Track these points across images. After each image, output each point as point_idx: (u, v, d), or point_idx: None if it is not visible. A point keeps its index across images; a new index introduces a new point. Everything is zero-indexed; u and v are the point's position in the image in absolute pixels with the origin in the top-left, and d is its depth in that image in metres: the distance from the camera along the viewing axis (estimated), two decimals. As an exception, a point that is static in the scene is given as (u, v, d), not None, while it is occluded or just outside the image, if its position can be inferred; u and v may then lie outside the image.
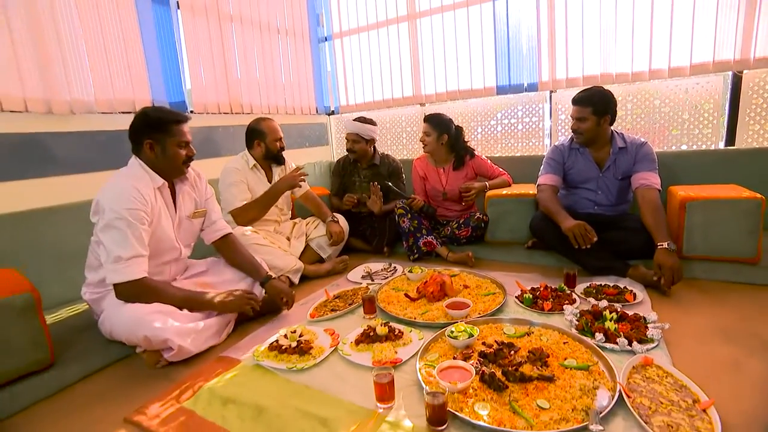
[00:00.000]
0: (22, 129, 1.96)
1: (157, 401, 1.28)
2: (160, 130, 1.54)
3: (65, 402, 1.33)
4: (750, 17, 2.23)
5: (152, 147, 1.54)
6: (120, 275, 1.42)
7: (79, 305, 1.94)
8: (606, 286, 1.81)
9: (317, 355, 1.45)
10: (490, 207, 2.45)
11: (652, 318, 1.49)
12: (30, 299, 1.32)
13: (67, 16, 2.08)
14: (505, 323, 1.56)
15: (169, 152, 1.56)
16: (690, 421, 0.99)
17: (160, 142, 1.54)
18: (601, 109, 2.03)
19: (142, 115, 1.55)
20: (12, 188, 1.91)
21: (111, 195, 1.45)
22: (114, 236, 1.43)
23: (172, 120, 1.56)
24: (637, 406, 1.05)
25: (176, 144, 1.57)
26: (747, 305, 1.62)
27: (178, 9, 2.58)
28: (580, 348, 1.36)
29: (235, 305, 1.63)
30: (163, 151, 1.55)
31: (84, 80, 2.17)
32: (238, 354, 1.53)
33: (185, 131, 1.60)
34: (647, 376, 1.18)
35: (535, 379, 1.19)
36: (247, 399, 1.25)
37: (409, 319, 1.68)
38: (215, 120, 2.88)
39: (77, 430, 1.18)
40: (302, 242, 2.45)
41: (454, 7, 3.11)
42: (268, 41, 3.28)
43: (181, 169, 1.63)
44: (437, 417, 1.06)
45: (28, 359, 1.33)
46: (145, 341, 1.38)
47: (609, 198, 2.17)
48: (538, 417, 1.05)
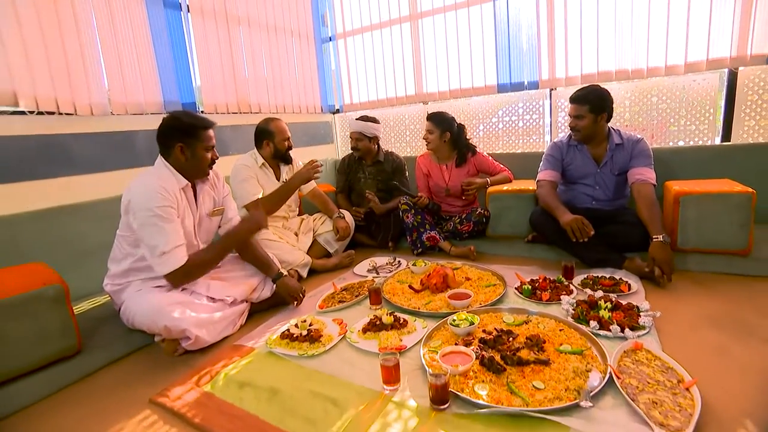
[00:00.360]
0: (46, 131, 2.06)
1: (178, 385, 1.37)
2: (190, 135, 1.63)
3: (92, 386, 1.43)
4: (746, 14, 2.28)
5: (183, 150, 1.63)
6: (167, 266, 1.53)
7: (100, 298, 2.04)
8: (602, 277, 1.88)
9: (326, 343, 1.54)
10: (492, 202, 2.53)
11: (645, 307, 1.57)
12: (60, 290, 1.41)
13: (85, 21, 2.17)
14: (505, 312, 1.64)
15: (197, 155, 1.66)
16: (673, 398, 1.07)
17: (190, 146, 1.63)
18: (597, 107, 2.10)
19: (175, 120, 1.64)
20: (37, 187, 2.01)
21: (142, 195, 1.54)
22: (152, 233, 1.52)
23: (202, 125, 1.66)
24: (626, 386, 1.13)
25: (204, 148, 1.67)
26: (736, 295, 1.69)
27: (188, 12, 2.66)
28: (575, 335, 1.44)
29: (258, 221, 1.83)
30: (192, 155, 1.64)
31: (101, 83, 2.26)
32: (252, 342, 1.62)
33: (212, 136, 1.70)
34: (637, 359, 1.26)
35: (531, 363, 1.27)
36: (262, 382, 1.34)
37: (414, 309, 1.76)
38: (224, 119, 2.96)
39: (106, 411, 1.28)
40: (310, 237, 2.54)
41: (455, 7, 3.17)
42: (274, 42, 3.36)
43: (206, 171, 1.74)
44: (440, 397, 1.15)
45: (58, 346, 1.43)
46: (165, 330, 1.48)
47: (606, 193, 2.24)
48: (533, 396, 1.13)
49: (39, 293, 1.36)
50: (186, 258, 1.57)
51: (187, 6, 2.65)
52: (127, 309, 1.60)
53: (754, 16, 2.25)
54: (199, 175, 1.74)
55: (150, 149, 2.45)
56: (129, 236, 1.62)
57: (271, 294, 1.93)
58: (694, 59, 2.45)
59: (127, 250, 1.64)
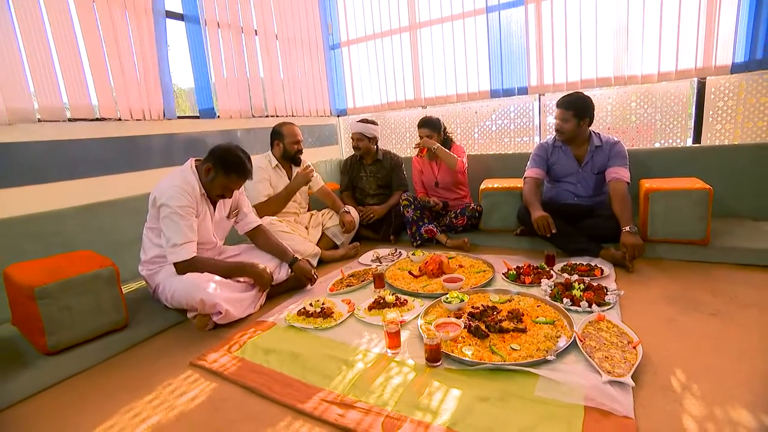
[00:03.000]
0: (89, 135, 2.32)
1: (212, 352, 1.62)
2: (224, 171, 1.85)
3: (140, 353, 1.69)
4: (710, 29, 2.52)
5: (208, 172, 1.87)
6: (176, 256, 1.79)
7: (133, 284, 2.30)
8: (580, 264, 2.13)
9: (338, 318, 1.79)
10: (484, 198, 2.78)
11: (612, 287, 1.82)
12: (112, 272, 1.67)
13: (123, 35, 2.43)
14: (491, 293, 1.89)
15: (214, 184, 1.88)
16: (622, 354, 1.32)
17: (216, 175, 1.86)
18: (581, 113, 2.35)
19: (225, 153, 1.85)
20: (78, 185, 2.27)
21: (167, 193, 1.79)
22: (170, 226, 1.79)
23: (237, 172, 1.87)
24: (586, 347, 1.38)
25: (223, 186, 1.89)
26: (693, 279, 1.94)
27: (206, 26, 2.91)
28: (550, 310, 1.69)
29: (264, 280, 1.98)
30: (212, 181, 1.87)
31: (135, 90, 2.51)
32: (273, 318, 1.88)
33: (238, 183, 1.92)
34: (599, 327, 1.51)
35: (510, 331, 1.52)
36: (284, 348, 1.59)
37: (413, 291, 2.02)
38: (238, 123, 3.21)
39: (155, 372, 1.53)
40: (319, 231, 2.80)
41: (451, 19, 3.42)
42: (286, 50, 3.60)
43: (213, 198, 1.96)
44: (433, 356, 1.40)
45: (111, 319, 1.68)
46: (200, 304, 1.72)
47: (587, 190, 2.49)
48: (510, 355, 1.39)
49: (97, 274, 1.61)
50: (193, 254, 1.82)
51: (204, 21, 2.90)
52: (166, 288, 1.85)
53: (717, 30, 2.50)
54: (210, 195, 1.95)
55: (177, 151, 2.72)
56: (155, 228, 1.88)
57: (287, 277, 2.18)
58: (666, 69, 2.70)
59: (155, 241, 1.90)
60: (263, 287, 2.01)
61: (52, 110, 2.16)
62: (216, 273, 1.85)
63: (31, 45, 2.06)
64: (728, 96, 2.60)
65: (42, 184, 2.12)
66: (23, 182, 2.05)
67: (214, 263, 1.91)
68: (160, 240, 1.86)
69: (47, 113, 2.14)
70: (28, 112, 2.06)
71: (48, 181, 2.15)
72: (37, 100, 2.11)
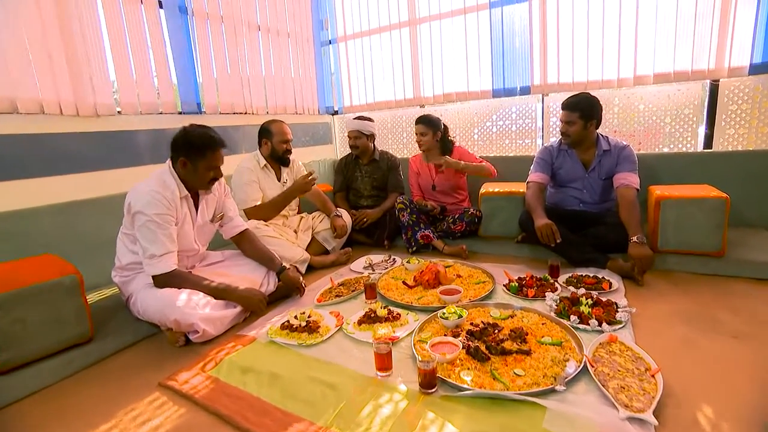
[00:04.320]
0: (62, 129, 2.16)
1: (185, 370, 1.47)
2: (196, 152, 1.70)
3: (104, 371, 1.52)
4: (724, 30, 2.40)
5: (185, 164, 1.71)
6: (155, 269, 1.64)
7: (107, 290, 2.13)
8: (586, 276, 1.99)
9: (324, 333, 1.64)
10: (484, 203, 2.63)
11: (623, 303, 1.68)
12: (75, 280, 1.51)
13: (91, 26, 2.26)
14: (492, 307, 1.75)
15: (199, 172, 1.73)
16: (639, 383, 1.18)
17: (193, 162, 1.70)
18: (587, 114, 2.21)
19: (186, 134, 1.70)
20: (53, 183, 2.10)
21: (142, 200, 1.64)
22: (147, 236, 1.64)
23: (209, 146, 1.71)
24: (598, 374, 1.24)
25: (207, 167, 1.74)
26: (709, 294, 1.80)
27: (193, 16, 2.75)
28: (556, 328, 1.54)
29: (252, 304, 1.81)
30: (194, 170, 1.72)
31: (110, 85, 2.35)
32: (254, 332, 1.72)
33: (218, 156, 1.76)
34: (611, 350, 1.37)
35: (514, 353, 1.38)
36: (264, 368, 1.44)
37: (407, 303, 1.87)
38: (225, 120, 3.06)
39: (119, 393, 1.37)
40: (309, 235, 2.64)
41: (452, 14, 3.28)
42: (275, 45, 3.45)
43: (207, 187, 1.81)
44: (428, 381, 1.25)
45: (73, 333, 1.52)
46: (174, 324, 1.57)
47: (593, 196, 2.35)
48: (514, 382, 1.24)
49: (56, 283, 1.45)
50: (174, 266, 1.67)
51: (191, 10, 2.74)
52: (138, 301, 1.69)
53: (732, 31, 2.37)
54: (199, 189, 1.82)
55: (154, 148, 2.56)
56: (130, 234, 1.72)
57: (275, 288, 2.02)
58: (678, 69, 2.57)
59: (129, 247, 1.74)
60: (254, 313, 1.85)
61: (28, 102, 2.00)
62: (198, 290, 1.70)
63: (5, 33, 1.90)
64: (743, 99, 2.47)
65: (12, 180, 1.96)
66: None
67: (198, 281, 1.73)
68: (136, 246, 1.71)
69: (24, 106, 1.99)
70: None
71: (19, 177, 1.99)
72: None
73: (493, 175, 2.78)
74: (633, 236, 1.97)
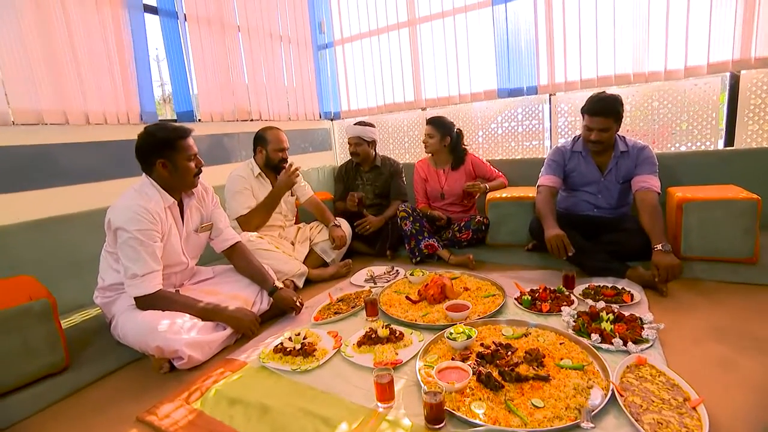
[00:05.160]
0: (38, 141, 2.04)
1: (167, 402, 1.33)
2: (169, 148, 1.58)
3: (80, 403, 1.39)
4: (749, 16, 2.24)
5: (165, 165, 1.59)
6: (137, 290, 1.52)
7: (92, 309, 2.01)
8: (604, 287, 1.83)
9: (320, 357, 1.50)
10: (491, 210, 2.49)
11: (648, 319, 1.52)
12: (46, 305, 1.38)
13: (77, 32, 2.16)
14: (503, 325, 1.60)
15: (180, 167, 1.61)
16: (679, 418, 1.02)
17: (171, 160, 1.59)
18: (620, 116, 2.04)
19: (149, 136, 1.59)
20: (31, 197, 1.99)
21: (123, 216, 1.52)
22: (129, 254, 1.51)
23: (178, 136, 1.60)
24: (629, 405, 1.08)
25: (186, 158, 1.62)
26: (742, 305, 1.64)
27: (185, 21, 2.65)
28: (576, 348, 1.39)
29: (243, 325, 1.68)
30: (175, 168, 1.60)
31: (94, 92, 2.24)
32: (244, 356, 1.58)
33: (191, 144, 1.65)
34: (640, 375, 1.21)
35: (530, 379, 1.23)
36: (253, 399, 1.30)
37: (410, 321, 1.72)
38: (222, 128, 2.95)
39: (93, 429, 1.24)
40: (306, 247, 2.51)
41: (453, 13, 3.16)
42: (271, 49, 3.35)
43: (193, 181, 1.69)
44: (435, 416, 1.10)
45: (44, 362, 1.39)
46: (157, 350, 1.44)
47: (609, 201, 2.19)
48: (532, 415, 1.09)
49: (25, 308, 1.33)
50: (158, 287, 1.55)
51: (184, 15, 2.64)
52: (118, 325, 1.57)
53: (758, 17, 2.21)
54: (187, 187, 1.71)
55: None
56: (113, 252, 1.60)
57: (269, 306, 1.89)
58: (695, 63, 2.42)
59: (114, 266, 1.62)
60: (245, 335, 1.72)
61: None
62: (183, 310, 1.57)
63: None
64: (766, 92, 2.31)
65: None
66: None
67: (184, 302, 1.61)
68: (119, 265, 1.58)
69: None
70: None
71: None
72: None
73: (506, 186, 2.72)
74: (657, 244, 1.81)
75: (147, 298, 1.53)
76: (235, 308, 1.69)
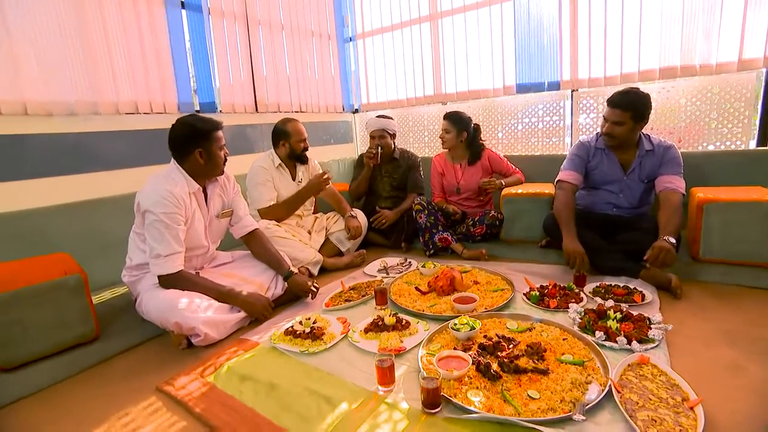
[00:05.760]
0: (73, 129, 2.19)
1: (184, 375, 1.43)
2: (205, 138, 1.70)
3: (107, 371, 1.51)
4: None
5: (201, 154, 1.70)
6: (160, 269, 1.63)
7: (120, 288, 2.15)
8: (616, 286, 1.81)
9: (328, 341, 1.56)
10: (506, 205, 2.48)
11: (657, 319, 1.50)
12: (79, 280, 1.50)
13: (108, 25, 2.29)
14: (508, 319, 1.61)
15: (213, 156, 1.73)
16: (675, 417, 1.02)
17: (206, 149, 1.71)
18: (640, 114, 1.97)
19: (189, 127, 1.69)
20: (66, 182, 2.14)
21: (150, 199, 1.62)
22: (154, 235, 1.62)
23: (214, 128, 1.73)
24: (625, 401, 1.09)
25: (218, 148, 1.75)
26: (759, 310, 1.59)
27: (209, 15, 2.75)
28: (578, 345, 1.40)
29: (256, 310, 1.77)
30: (209, 157, 1.72)
31: (125, 83, 2.37)
32: (257, 337, 1.67)
33: (222, 135, 1.78)
34: (641, 373, 1.21)
35: (529, 372, 1.25)
36: (262, 377, 1.38)
37: (418, 311, 1.76)
38: (243, 119, 3.05)
39: (116, 395, 1.35)
40: (322, 236, 2.58)
41: (476, 7, 3.13)
42: (294, 42, 3.42)
43: (222, 168, 1.81)
44: (431, 400, 1.14)
45: (76, 332, 1.52)
46: (176, 326, 1.55)
47: (630, 200, 2.13)
48: (526, 406, 1.11)
49: (60, 282, 1.45)
50: (179, 268, 1.65)
51: (208, 9, 2.74)
52: (143, 303, 1.68)
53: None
54: (217, 173, 1.82)
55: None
56: (141, 233, 1.70)
57: (283, 291, 1.97)
58: (726, 59, 2.31)
59: (141, 246, 1.73)
60: (257, 320, 1.80)
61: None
62: (202, 293, 1.67)
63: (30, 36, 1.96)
64: (805, 90, 2.20)
65: (25, 180, 2.00)
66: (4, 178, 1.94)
67: (203, 284, 1.71)
68: (146, 246, 1.69)
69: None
70: (15, 103, 1.94)
71: (32, 176, 2.03)
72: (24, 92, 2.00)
73: (522, 182, 2.70)
74: (665, 236, 1.77)
75: (169, 277, 1.63)
76: (248, 293, 1.77)
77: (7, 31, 1.91)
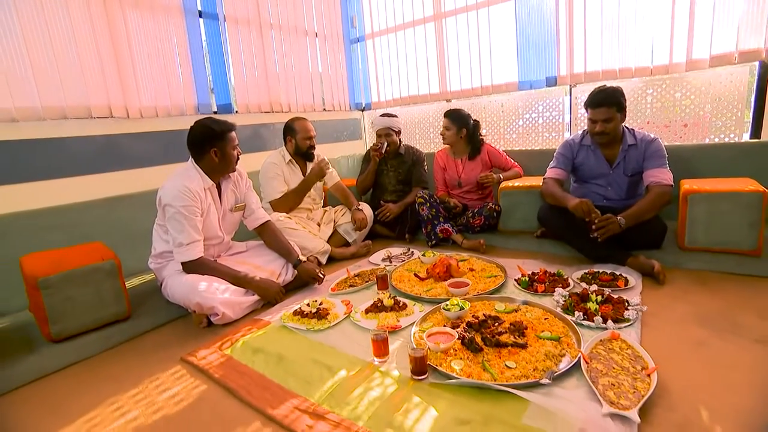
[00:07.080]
0: (106, 131, 2.42)
1: (204, 348, 1.62)
2: (220, 139, 1.89)
3: (138, 345, 1.72)
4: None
5: (216, 153, 1.89)
6: (182, 256, 1.82)
7: (147, 276, 2.37)
8: (603, 272, 1.92)
9: (332, 320, 1.73)
10: (503, 198, 2.60)
11: (635, 301, 1.61)
12: (113, 265, 1.71)
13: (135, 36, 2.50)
14: (497, 301, 1.75)
15: (227, 155, 1.91)
16: (632, 382, 1.15)
17: (221, 149, 1.89)
18: (622, 106, 2.09)
19: (206, 128, 1.87)
20: (98, 180, 2.37)
21: (170, 194, 1.82)
22: (176, 227, 1.81)
23: (228, 129, 1.91)
24: (591, 370, 1.22)
25: (232, 148, 1.93)
26: (739, 295, 1.67)
27: (224, 22, 2.94)
28: (558, 324, 1.52)
29: (268, 294, 1.96)
30: (223, 155, 1.90)
31: (148, 89, 2.59)
32: (269, 317, 1.85)
33: (235, 136, 1.96)
34: (610, 347, 1.34)
35: (509, 346, 1.39)
36: (272, 350, 1.56)
37: (415, 294, 1.91)
38: (258, 118, 3.24)
39: (148, 364, 1.55)
40: (331, 228, 2.75)
41: (477, 7, 3.23)
42: (305, 45, 3.59)
43: (234, 166, 1.99)
44: (418, 368, 1.30)
45: (112, 311, 1.73)
46: (197, 306, 1.74)
47: (619, 193, 2.23)
48: (503, 374, 1.26)
49: (98, 267, 1.66)
50: (200, 254, 1.84)
51: (223, 16, 2.93)
52: (167, 286, 1.88)
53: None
54: (230, 170, 1.99)
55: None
56: (163, 225, 1.91)
57: (293, 278, 2.15)
58: (722, 51, 2.37)
59: (163, 237, 1.93)
60: (270, 302, 1.99)
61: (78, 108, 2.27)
62: (220, 276, 1.86)
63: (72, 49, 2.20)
64: (797, 83, 2.24)
65: (64, 178, 2.23)
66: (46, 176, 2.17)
67: (221, 269, 1.90)
68: (168, 236, 1.89)
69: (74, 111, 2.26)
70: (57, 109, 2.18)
71: (71, 174, 2.26)
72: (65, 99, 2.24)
73: (521, 176, 2.80)
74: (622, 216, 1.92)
75: (191, 263, 1.82)
76: (261, 279, 1.96)
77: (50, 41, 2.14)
